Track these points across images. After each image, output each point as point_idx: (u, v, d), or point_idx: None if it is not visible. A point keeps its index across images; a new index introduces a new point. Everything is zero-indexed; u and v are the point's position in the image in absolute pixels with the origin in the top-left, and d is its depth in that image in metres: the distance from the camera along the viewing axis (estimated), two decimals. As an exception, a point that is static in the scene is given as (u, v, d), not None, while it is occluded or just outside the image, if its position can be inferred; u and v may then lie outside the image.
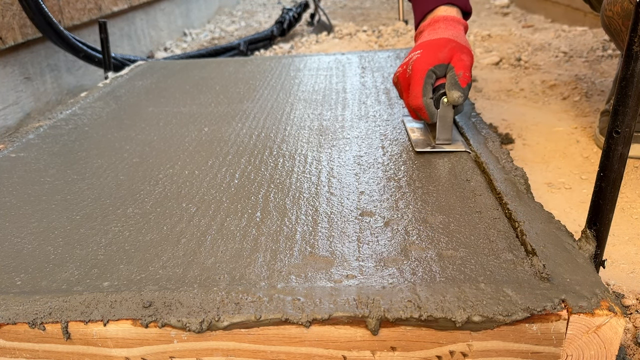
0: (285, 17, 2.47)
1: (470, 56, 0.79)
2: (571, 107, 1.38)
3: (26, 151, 0.88)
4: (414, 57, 0.79)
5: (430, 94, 0.78)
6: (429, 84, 0.77)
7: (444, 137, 0.78)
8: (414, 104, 0.78)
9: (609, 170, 0.50)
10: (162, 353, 0.48)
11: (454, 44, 0.78)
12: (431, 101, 0.78)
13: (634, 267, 0.78)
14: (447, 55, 0.77)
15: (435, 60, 0.77)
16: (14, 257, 0.58)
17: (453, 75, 0.76)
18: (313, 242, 0.57)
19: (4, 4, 1.36)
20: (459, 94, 0.75)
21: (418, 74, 0.77)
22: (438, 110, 0.77)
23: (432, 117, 0.78)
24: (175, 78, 1.30)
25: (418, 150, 0.77)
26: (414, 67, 0.78)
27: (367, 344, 0.46)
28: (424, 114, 0.79)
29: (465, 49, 0.79)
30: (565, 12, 2.32)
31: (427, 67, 0.77)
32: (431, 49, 0.78)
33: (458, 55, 0.78)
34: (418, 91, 0.77)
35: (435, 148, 0.78)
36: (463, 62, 0.77)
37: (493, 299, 0.46)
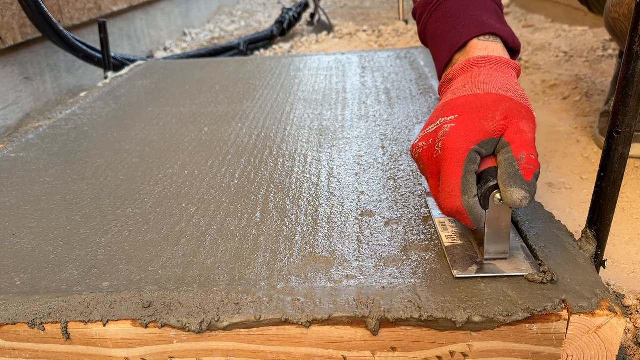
0: (285, 17, 2.47)
1: (534, 122, 0.51)
2: (571, 107, 1.37)
3: (26, 151, 0.88)
4: (447, 129, 0.50)
5: (474, 190, 0.49)
6: (471, 173, 0.49)
7: (496, 249, 0.51)
8: (449, 205, 0.50)
9: (610, 170, 0.50)
10: (161, 353, 0.48)
11: (509, 103, 0.50)
12: (476, 200, 0.49)
13: (635, 267, 0.78)
14: (499, 123, 0.49)
15: (481, 134, 0.49)
16: (14, 257, 0.58)
17: (511, 160, 0.48)
18: (313, 242, 0.57)
19: (3, 4, 1.36)
20: (524, 194, 0.46)
21: (454, 157, 0.49)
22: (487, 211, 0.49)
23: (477, 223, 0.50)
24: (175, 78, 1.30)
25: (458, 276, 0.50)
26: (446, 145, 0.49)
27: (367, 345, 0.46)
28: (465, 219, 0.50)
29: (525, 110, 0.51)
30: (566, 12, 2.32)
31: (469, 145, 0.49)
32: (473, 113, 0.50)
33: (516, 122, 0.49)
34: (455, 186, 0.49)
35: (484, 269, 0.50)
36: (524, 136, 0.49)
37: (493, 299, 0.46)
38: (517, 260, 0.52)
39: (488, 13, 0.59)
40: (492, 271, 0.50)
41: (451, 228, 0.57)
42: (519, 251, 0.53)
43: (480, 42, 0.57)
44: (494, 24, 0.57)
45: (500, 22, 0.59)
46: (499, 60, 0.55)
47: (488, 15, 0.58)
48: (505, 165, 0.48)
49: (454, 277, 0.50)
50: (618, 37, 0.98)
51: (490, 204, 0.49)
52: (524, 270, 0.50)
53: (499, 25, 0.58)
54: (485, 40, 0.57)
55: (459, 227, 0.57)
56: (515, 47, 0.59)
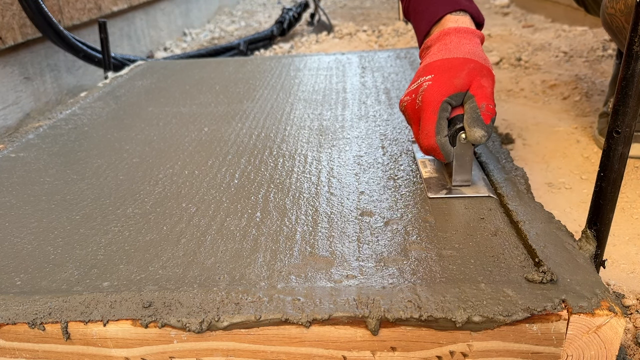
0: (285, 17, 2.47)
1: (492, 79, 0.66)
2: (571, 107, 1.37)
3: (26, 151, 0.88)
4: (425, 85, 0.65)
5: (445, 131, 0.64)
6: (443, 119, 0.64)
7: (462, 178, 0.67)
8: (426, 143, 0.65)
9: (609, 170, 0.50)
10: (162, 353, 0.48)
11: (473, 64, 0.65)
12: (446, 139, 0.64)
13: (634, 267, 0.78)
14: (465, 80, 0.64)
15: (451, 89, 0.64)
16: (14, 257, 0.58)
17: (474, 108, 0.62)
18: (313, 242, 0.57)
19: (3, 4, 1.36)
20: (482, 133, 0.61)
21: (430, 106, 0.64)
22: (454, 148, 0.65)
23: (447, 157, 0.65)
24: (175, 78, 1.30)
25: (431, 197, 0.65)
26: (425, 97, 0.64)
27: (367, 344, 0.46)
28: (438, 154, 0.66)
29: (486, 69, 0.65)
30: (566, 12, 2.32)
31: (442, 97, 0.64)
32: (445, 73, 0.65)
33: (478, 79, 0.64)
34: (430, 129, 0.64)
35: (452, 192, 0.66)
36: (485, 90, 0.63)
37: (493, 299, 0.46)
38: (477, 187, 0.67)
39: None
40: (458, 193, 0.66)
41: (429, 166, 0.73)
42: (480, 181, 0.68)
43: (452, 16, 0.71)
44: (463, 2, 0.72)
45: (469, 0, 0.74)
46: (467, 30, 0.70)
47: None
48: (470, 112, 0.63)
49: (429, 197, 0.65)
50: (614, 34, 0.98)
51: (457, 142, 0.64)
52: (483, 193, 0.65)
53: (467, 3, 0.73)
54: (456, 15, 0.71)
55: (435, 165, 0.73)
56: (480, 21, 0.74)
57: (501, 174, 0.69)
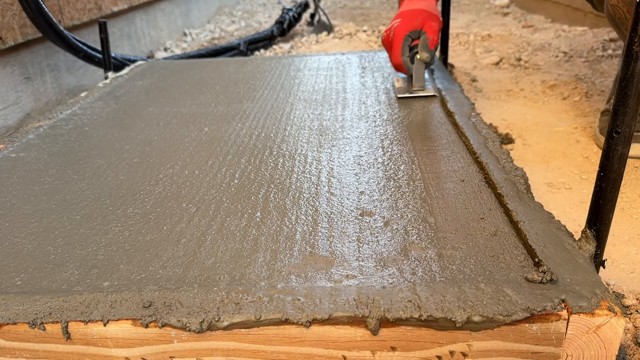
0: (285, 17, 2.47)
1: (439, 22, 1.03)
2: (571, 107, 1.37)
3: (26, 151, 0.88)
4: (395, 25, 1.04)
5: (407, 54, 1.04)
6: (406, 46, 1.03)
7: (418, 84, 1.05)
8: (395, 61, 1.05)
9: (609, 170, 0.50)
10: (162, 353, 0.48)
11: (426, 13, 1.02)
12: (408, 59, 1.04)
13: (634, 267, 0.78)
14: (420, 22, 1.02)
15: (411, 27, 1.02)
16: (14, 257, 0.58)
17: (424, 39, 1.01)
18: (313, 242, 0.57)
19: (4, 4, 1.36)
20: (427, 55, 1.02)
21: (397, 38, 1.03)
22: (413, 65, 1.03)
23: (409, 70, 1.05)
24: (175, 78, 1.30)
25: (399, 97, 1.04)
26: (394, 32, 1.03)
27: (367, 344, 0.46)
28: (402, 68, 1.06)
29: (435, 17, 1.03)
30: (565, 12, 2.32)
31: (404, 32, 1.02)
32: (408, 17, 1.03)
33: (429, 22, 1.01)
34: (398, 51, 1.03)
35: (412, 93, 1.04)
36: (432, 28, 1.01)
37: (493, 299, 0.46)
38: (427, 90, 1.05)
39: None
40: (415, 94, 1.04)
41: (401, 81, 1.13)
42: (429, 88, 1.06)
43: None
44: None
45: None
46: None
47: None
48: (422, 41, 1.02)
49: (397, 97, 1.04)
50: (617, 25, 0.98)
51: (415, 61, 1.03)
52: (430, 92, 1.04)
53: None
54: None
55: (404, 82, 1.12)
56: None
57: (501, 174, 0.69)
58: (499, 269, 0.51)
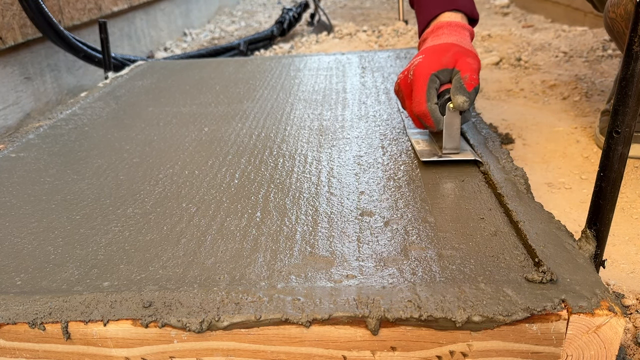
0: (285, 17, 2.47)
1: (478, 60, 0.74)
2: (571, 107, 1.37)
3: (26, 151, 0.88)
4: (416, 62, 0.75)
5: (434, 99, 0.73)
6: (432, 88, 0.73)
7: (451, 145, 0.73)
8: (418, 110, 0.73)
9: (609, 170, 0.50)
10: (162, 353, 0.48)
11: (458, 48, 0.74)
12: (436, 107, 0.73)
13: (634, 267, 0.78)
14: (451, 59, 0.73)
15: (439, 65, 0.73)
16: (14, 257, 0.58)
17: (458, 79, 0.71)
18: (313, 242, 0.57)
19: (4, 4, 1.36)
20: (464, 99, 0.70)
21: (421, 78, 0.73)
22: (444, 117, 0.73)
23: (437, 124, 0.73)
24: (175, 78, 1.30)
25: (424, 160, 0.73)
26: (415, 71, 0.74)
27: (367, 344, 0.46)
28: (428, 120, 0.74)
29: (470, 52, 0.74)
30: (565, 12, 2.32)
31: (430, 71, 0.73)
32: (434, 53, 0.74)
33: (464, 58, 0.73)
34: (422, 96, 0.73)
35: (443, 157, 0.73)
36: (469, 65, 0.72)
37: (493, 299, 0.46)
38: (465, 154, 0.74)
39: None
40: (447, 158, 0.73)
41: (422, 143, 0.80)
42: (466, 149, 0.76)
43: (447, 13, 0.82)
44: (458, 1, 0.83)
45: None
46: (457, 24, 0.81)
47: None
48: (455, 82, 0.72)
49: (422, 160, 0.73)
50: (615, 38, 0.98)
51: (446, 111, 0.72)
52: (470, 157, 0.73)
53: (463, 2, 0.83)
54: (450, 12, 0.82)
55: (428, 141, 0.80)
56: (474, 16, 0.84)
57: (501, 174, 0.69)
58: (499, 269, 0.51)
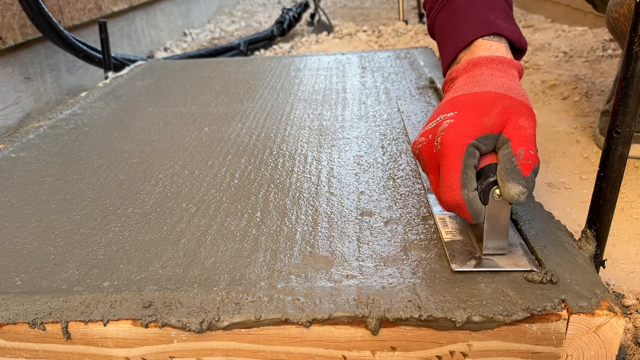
0: (285, 17, 2.47)
1: (534, 119, 0.51)
2: (571, 107, 1.37)
3: (26, 151, 0.88)
4: (446, 124, 0.51)
5: (473, 184, 0.49)
6: (470, 167, 0.49)
7: (495, 245, 0.52)
8: (449, 199, 0.50)
9: (609, 170, 0.50)
10: (162, 353, 0.48)
11: (508, 100, 0.51)
12: (476, 194, 0.49)
13: (634, 267, 0.78)
14: (497, 120, 0.50)
15: (479, 129, 0.50)
16: (14, 257, 0.58)
17: (509, 156, 0.48)
18: (313, 242, 0.57)
19: (4, 4, 1.36)
20: (521, 189, 0.47)
21: (453, 151, 0.49)
22: (486, 206, 0.50)
23: (477, 217, 0.50)
24: (175, 78, 1.30)
25: (457, 270, 0.50)
26: (445, 139, 0.50)
27: (367, 344, 0.46)
28: (464, 213, 0.50)
29: (525, 107, 0.51)
30: (565, 12, 2.32)
31: (467, 140, 0.49)
32: (472, 110, 0.51)
33: (515, 119, 0.50)
34: (454, 180, 0.49)
35: (483, 264, 0.51)
36: (523, 132, 0.49)
37: (493, 299, 0.46)
38: (515, 256, 0.52)
39: (495, 11, 0.59)
40: (491, 266, 0.50)
41: (451, 224, 0.58)
42: (517, 247, 0.53)
43: (485, 41, 0.58)
44: (500, 24, 0.58)
45: (508, 21, 0.59)
46: (502, 60, 0.56)
47: (495, 14, 0.59)
48: (504, 161, 0.48)
49: (453, 270, 0.50)
50: (618, 37, 0.98)
51: (489, 199, 0.49)
52: (522, 266, 0.50)
53: (506, 24, 0.58)
54: (489, 40, 0.58)
55: (459, 224, 0.57)
56: (522, 46, 0.60)
57: (501, 174, 0.69)
58: (499, 269, 0.51)
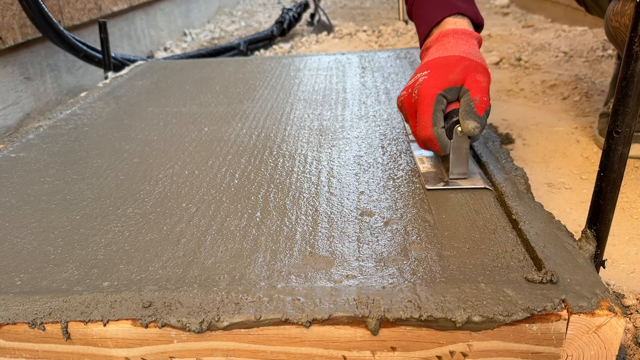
0: (285, 17, 2.47)
1: (488, 75, 0.67)
2: (571, 107, 1.37)
3: (26, 151, 0.88)
4: (421, 80, 0.67)
5: (441, 123, 0.66)
6: (439, 110, 0.66)
7: (458, 170, 0.68)
8: (423, 134, 0.67)
9: (609, 170, 0.50)
10: (162, 353, 0.48)
11: (468, 61, 0.67)
12: (443, 131, 0.66)
13: (634, 267, 0.78)
14: (459, 76, 0.66)
15: (446, 83, 0.66)
16: (14, 257, 0.58)
17: (468, 101, 0.64)
18: (313, 242, 0.57)
19: (4, 4, 1.36)
20: (475, 124, 0.63)
21: (426, 99, 0.66)
22: (451, 141, 0.66)
23: (444, 149, 0.67)
24: (175, 78, 1.30)
25: (429, 188, 0.66)
26: (420, 91, 0.66)
27: (367, 344, 0.46)
28: (434, 145, 0.67)
29: (480, 67, 0.67)
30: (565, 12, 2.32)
31: (436, 91, 0.66)
32: (440, 69, 0.67)
33: (473, 75, 0.66)
34: (427, 120, 0.66)
35: (449, 184, 0.67)
36: (479, 84, 0.65)
37: (493, 299, 0.46)
38: (474, 179, 0.68)
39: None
40: (455, 185, 0.67)
41: (427, 162, 0.74)
42: (475, 174, 0.69)
43: (451, 18, 0.74)
44: (462, 5, 0.75)
45: (468, 2, 0.76)
46: (464, 32, 0.73)
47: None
48: (464, 105, 0.65)
49: (426, 189, 0.66)
50: (619, 46, 0.97)
51: (453, 135, 0.65)
52: (479, 185, 0.66)
53: (467, 5, 0.75)
54: (454, 18, 0.74)
55: (433, 161, 0.74)
56: (479, 22, 0.77)
57: (501, 173, 0.69)
58: (499, 269, 0.51)
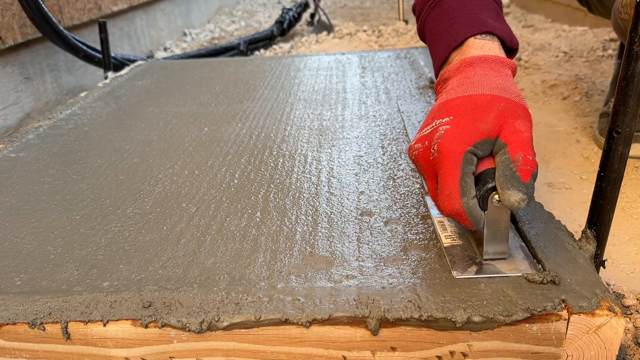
0: (285, 17, 2.47)
1: (529, 120, 0.51)
2: (571, 107, 1.37)
3: (26, 151, 0.88)
4: (442, 131, 0.50)
5: (472, 192, 0.49)
6: (468, 174, 0.49)
7: (495, 249, 0.51)
8: (448, 207, 0.49)
9: (609, 170, 0.50)
10: (162, 353, 0.48)
11: (503, 103, 0.50)
12: (475, 202, 0.49)
13: (634, 267, 0.78)
14: (493, 124, 0.49)
15: (476, 135, 0.49)
16: (14, 257, 0.58)
17: (507, 162, 0.47)
18: (313, 242, 0.57)
19: (3, 4, 1.36)
20: (521, 196, 0.46)
21: (450, 159, 0.49)
22: (485, 212, 0.49)
23: (476, 224, 0.50)
24: (175, 78, 1.30)
25: (458, 277, 0.50)
26: (442, 147, 0.49)
27: (367, 344, 0.46)
28: (464, 220, 0.50)
29: (520, 109, 0.50)
30: (566, 12, 2.32)
31: (464, 147, 0.48)
32: (467, 115, 0.50)
33: (511, 122, 0.49)
34: (453, 188, 0.48)
35: (483, 270, 0.50)
36: (520, 136, 0.48)
37: (493, 299, 0.46)
38: (516, 260, 0.52)
39: (486, 11, 0.58)
40: (492, 272, 0.50)
41: (450, 228, 0.57)
42: (517, 251, 0.53)
43: (477, 40, 0.57)
44: (491, 23, 0.57)
45: (499, 20, 0.59)
46: (495, 60, 0.55)
47: (486, 14, 0.58)
48: (502, 167, 0.47)
49: (454, 277, 0.50)
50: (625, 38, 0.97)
51: (489, 206, 0.49)
52: (523, 270, 0.50)
53: (497, 23, 0.58)
54: (481, 39, 0.57)
55: (458, 227, 0.57)
56: (513, 45, 0.59)
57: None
58: (499, 269, 0.51)
